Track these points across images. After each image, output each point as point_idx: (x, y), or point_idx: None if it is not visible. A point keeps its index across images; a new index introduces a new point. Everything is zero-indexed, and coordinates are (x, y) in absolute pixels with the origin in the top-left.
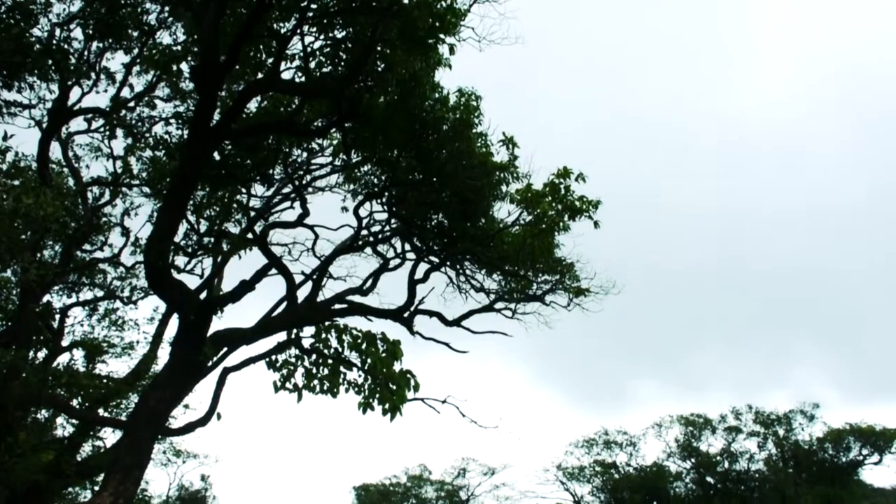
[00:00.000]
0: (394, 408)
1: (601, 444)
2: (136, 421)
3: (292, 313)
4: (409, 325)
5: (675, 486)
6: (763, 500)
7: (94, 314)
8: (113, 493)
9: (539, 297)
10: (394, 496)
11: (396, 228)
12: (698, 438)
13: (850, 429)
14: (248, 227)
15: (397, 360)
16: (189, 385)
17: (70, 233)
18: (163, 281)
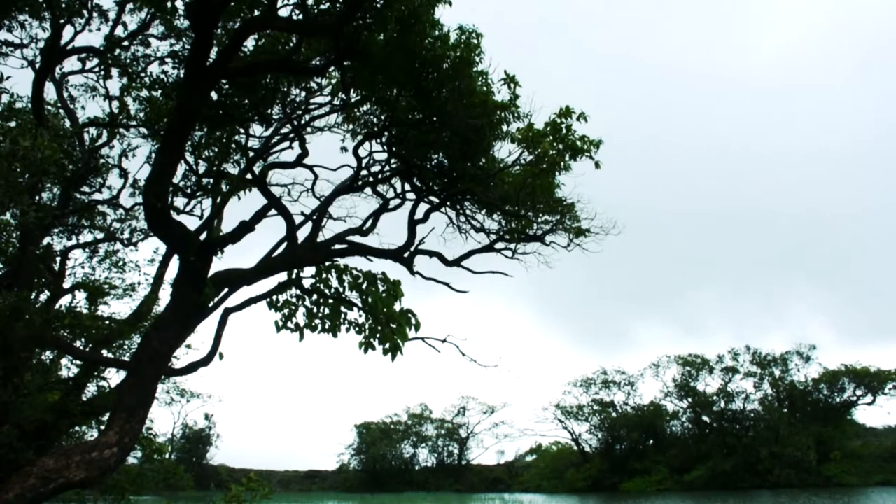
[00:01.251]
0: (394, 347)
1: (599, 384)
2: (139, 361)
3: (292, 254)
4: (410, 265)
5: (672, 424)
6: (757, 438)
7: (94, 256)
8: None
9: (539, 237)
10: (395, 434)
11: (396, 168)
12: (695, 378)
13: (845, 370)
14: (246, 168)
15: (398, 300)
16: (191, 326)
17: (68, 175)
18: (162, 222)
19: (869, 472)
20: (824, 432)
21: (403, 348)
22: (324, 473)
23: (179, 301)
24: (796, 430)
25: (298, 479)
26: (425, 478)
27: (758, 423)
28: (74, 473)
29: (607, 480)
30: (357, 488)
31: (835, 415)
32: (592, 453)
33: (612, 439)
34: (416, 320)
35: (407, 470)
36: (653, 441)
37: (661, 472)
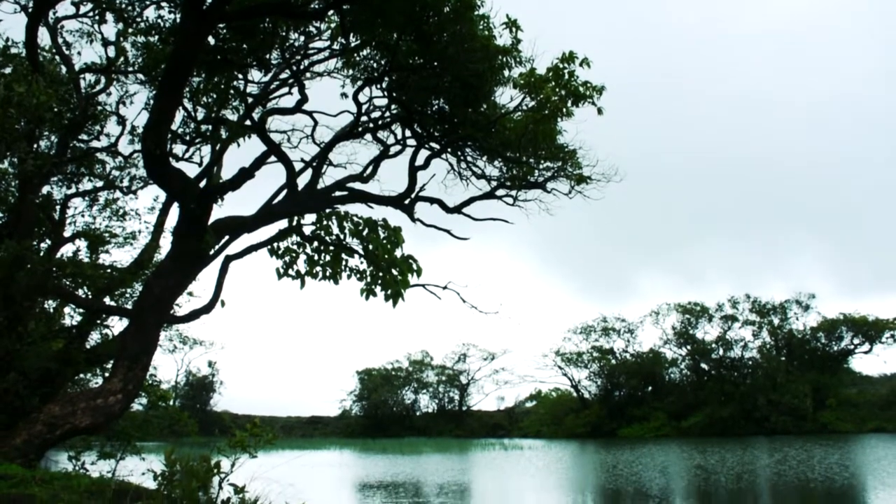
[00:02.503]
0: (396, 293)
1: (599, 331)
2: (141, 309)
3: (293, 201)
4: (410, 212)
5: (671, 372)
6: (755, 386)
7: (94, 204)
8: (122, 380)
9: (540, 184)
10: (396, 380)
11: (396, 114)
12: (695, 326)
13: (843, 319)
14: (245, 114)
15: (398, 247)
16: (192, 273)
17: (65, 122)
18: (161, 169)
19: (864, 420)
20: (821, 380)
21: (405, 294)
22: (326, 419)
23: (180, 249)
24: (793, 378)
25: (301, 424)
26: (426, 423)
27: (755, 371)
28: (80, 420)
29: (606, 426)
30: (359, 434)
31: (832, 363)
32: (591, 400)
33: (611, 386)
34: (417, 266)
35: (408, 416)
36: (651, 388)
37: (659, 418)
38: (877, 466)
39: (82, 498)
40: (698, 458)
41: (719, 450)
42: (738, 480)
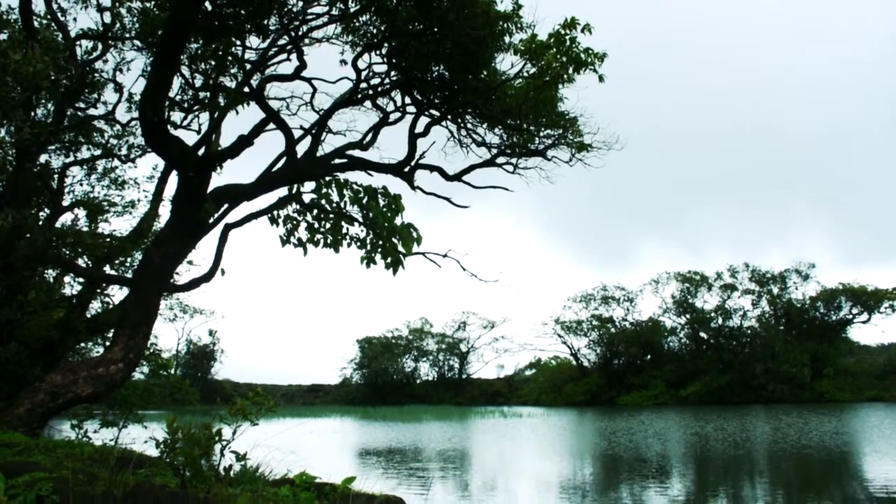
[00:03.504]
0: (396, 261)
1: (599, 300)
2: (141, 278)
3: (292, 168)
4: (410, 179)
5: (669, 340)
6: (753, 355)
7: (92, 173)
8: (123, 348)
9: (541, 151)
10: (396, 348)
11: (396, 81)
12: (694, 295)
13: (842, 288)
14: (244, 81)
15: (399, 214)
16: (191, 242)
17: (62, 90)
18: (160, 137)
19: (860, 389)
20: (819, 349)
21: (405, 262)
22: (327, 387)
23: (179, 217)
24: (792, 347)
25: (302, 393)
26: (426, 391)
27: (754, 340)
28: (82, 388)
29: (605, 394)
30: (359, 401)
31: (830, 332)
32: (591, 368)
33: (610, 354)
34: (417, 234)
35: (408, 383)
36: (650, 356)
37: (657, 386)
38: (872, 435)
39: (85, 465)
40: (696, 426)
41: (717, 418)
42: (736, 447)
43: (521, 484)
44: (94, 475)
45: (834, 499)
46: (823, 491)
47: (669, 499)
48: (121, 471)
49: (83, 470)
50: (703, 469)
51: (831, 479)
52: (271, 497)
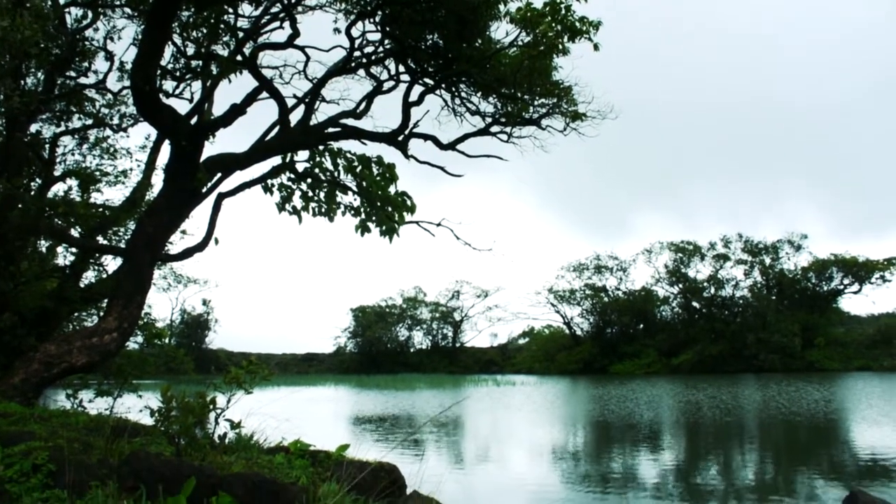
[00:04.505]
0: (391, 229)
1: (592, 269)
2: (134, 248)
3: (285, 137)
4: (404, 148)
5: (662, 310)
6: (744, 324)
7: (84, 143)
8: (117, 318)
9: (535, 120)
10: (390, 317)
11: (390, 49)
12: (687, 265)
13: (834, 259)
14: (236, 49)
15: (393, 183)
16: (185, 211)
17: (52, 59)
18: (152, 106)
19: (850, 358)
20: (810, 319)
21: (399, 230)
22: (321, 356)
23: (172, 186)
24: (783, 317)
25: (296, 361)
26: (420, 360)
27: (746, 310)
28: (76, 358)
29: (597, 363)
30: (353, 370)
31: (821, 303)
32: (584, 337)
33: (603, 323)
34: (411, 203)
35: (402, 352)
36: (643, 325)
37: (649, 355)
38: (860, 403)
39: (81, 434)
40: (687, 395)
41: (708, 386)
42: (726, 415)
43: (513, 451)
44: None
45: (821, 465)
46: (811, 457)
47: (660, 465)
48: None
49: (79, 439)
50: (694, 436)
51: (819, 446)
52: (266, 464)
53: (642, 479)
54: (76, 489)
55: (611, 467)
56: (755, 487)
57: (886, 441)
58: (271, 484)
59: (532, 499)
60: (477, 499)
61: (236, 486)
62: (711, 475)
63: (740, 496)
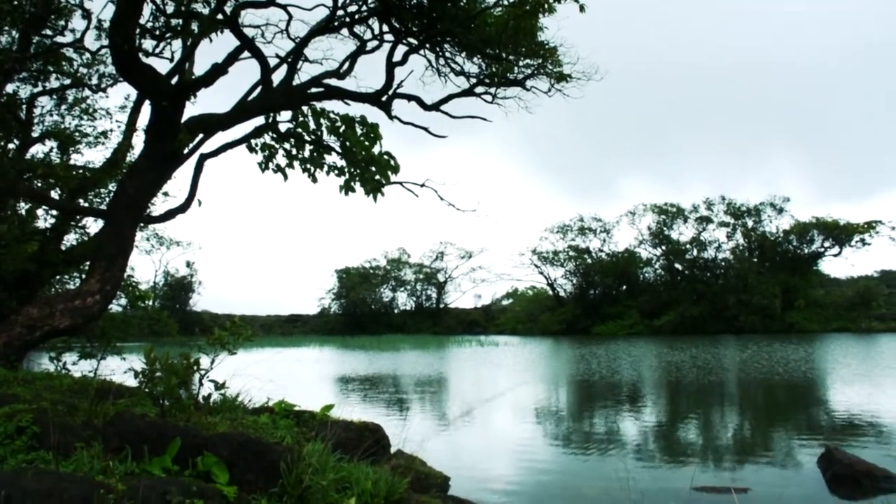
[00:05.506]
0: (375, 188)
1: (576, 231)
2: (116, 209)
3: (268, 97)
4: (388, 108)
5: (645, 271)
6: (726, 286)
7: (62, 103)
8: (100, 280)
9: (520, 81)
10: (374, 278)
11: (373, 8)
12: (670, 227)
13: (815, 222)
14: (217, 7)
15: (377, 143)
16: (166, 172)
17: (26, 17)
18: (131, 65)
19: (828, 320)
20: (790, 281)
21: (384, 190)
22: (305, 317)
23: (153, 148)
24: (764, 279)
25: (280, 323)
26: (404, 320)
27: (727, 272)
28: (59, 321)
29: (580, 324)
30: (337, 331)
31: (802, 265)
32: (567, 298)
33: (586, 284)
34: (395, 163)
35: (386, 313)
36: (625, 287)
37: (632, 316)
38: (836, 363)
39: (65, 396)
40: (669, 355)
41: (690, 347)
42: (707, 374)
43: (497, 410)
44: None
45: (798, 423)
46: (789, 416)
47: (642, 423)
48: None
49: (63, 401)
50: (674, 395)
51: (797, 405)
52: (251, 424)
53: (624, 438)
54: (61, 451)
55: (593, 426)
56: (733, 445)
57: (861, 400)
58: (256, 444)
59: (515, 457)
60: (460, 457)
61: (221, 446)
62: (691, 433)
63: (719, 454)
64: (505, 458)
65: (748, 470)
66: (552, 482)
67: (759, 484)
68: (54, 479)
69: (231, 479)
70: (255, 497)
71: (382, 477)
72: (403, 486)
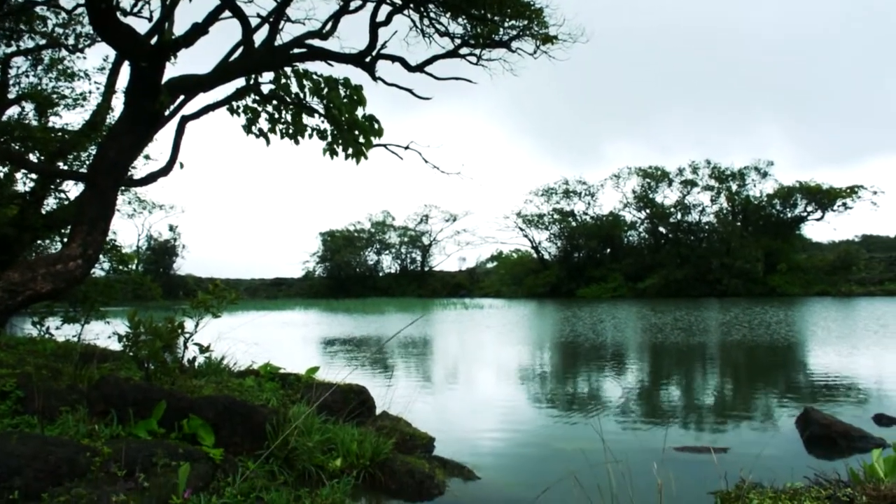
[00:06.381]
0: (358, 151)
1: (561, 194)
2: (96, 173)
3: (249, 58)
4: (371, 70)
5: (629, 234)
6: (710, 250)
7: (38, 64)
8: (82, 244)
9: (505, 42)
10: (358, 241)
11: None
12: (654, 190)
13: (799, 186)
14: None
15: (360, 106)
16: (147, 135)
17: None
18: (108, 25)
19: (810, 283)
20: (773, 245)
21: (367, 153)
22: (290, 281)
23: (133, 110)
24: (747, 243)
25: (265, 286)
26: (389, 284)
27: (711, 235)
28: (41, 285)
29: (564, 287)
30: (322, 294)
31: (785, 229)
32: (551, 261)
33: (570, 247)
34: (378, 126)
35: (371, 276)
36: (610, 250)
37: (616, 279)
38: (816, 327)
39: (49, 361)
40: (652, 318)
41: (673, 310)
42: (689, 337)
43: (482, 372)
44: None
45: (778, 385)
46: (769, 378)
47: (623, 384)
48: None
49: (47, 365)
50: (656, 357)
51: (777, 368)
52: (236, 387)
53: (606, 399)
54: (46, 415)
55: (576, 387)
56: (714, 406)
57: (840, 363)
58: (242, 406)
59: (499, 419)
60: (445, 419)
61: (207, 408)
62: (672, 395)
63: (700, 415)
64: (488, 420)
65: (728, 430)
66: (534, 443)
67: (738, 444)
68: (39, 442)
69: (217, 441)
70: (241, 459)
71: (368, 438)
72: (388, 446)
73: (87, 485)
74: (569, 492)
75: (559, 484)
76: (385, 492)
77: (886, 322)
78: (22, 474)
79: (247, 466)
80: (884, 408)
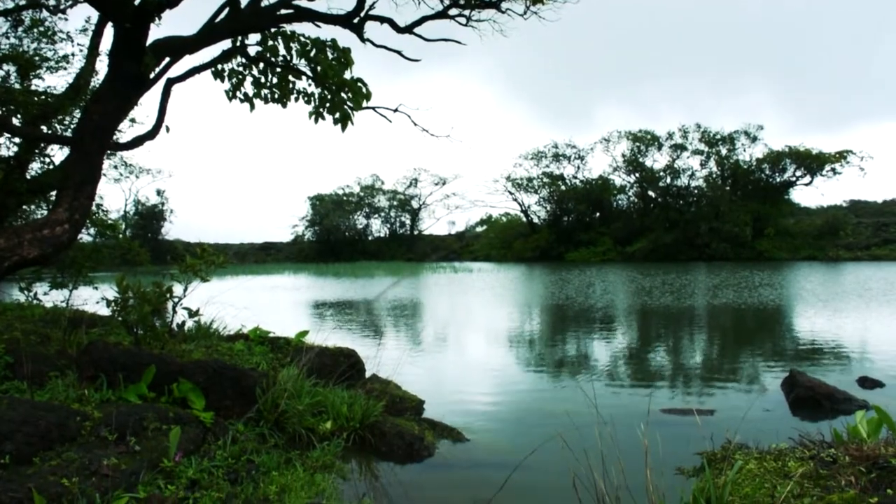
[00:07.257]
0: (345, 116)
1: (550, 157)
2: (81, 136)
3: (236, 19)
4: (360, 31)
5: (618, 198)
6: (698, 214)
7: (19, 26)
8: (68, 209)
9: (494, 3)
10: (347, 205)
11: None
12: (644, 154)
13: (788, 151)
14: None
15: (348, 68)
16: (132, 98)
17: None
18: None
19: (797, 248)
20: (762, 210)
21: (354, 118)
22: (279, 245)
23: (118, 72)
24: (736, 208)
25: (254, 251)
26: (378, 247)
27: (700, 200)
28: (28, 251)
29: (554, 250)
30: (312, 258)
31: (773, 194)
32: (540, 224)
33: (559, 211)
34: (366, 89)
35: (360, 240)
36: (599, 214)
37: (605, 243)
38: (802, 290)
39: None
40: (640, 281)
41: (661, 273)
42: (677, 300)
43: (471, 335)
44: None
45: (764, 348)
46: (755, 341)
47: (612, 347)
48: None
49: (35, 331)
50: (644, 320)
51: (763, 331)
52: (226, 351)
53: (594, 362)
54: (35, 380)
55: (564, 350)
56: (701, 369)
57: (825, 326)
58: (231, 370)
59: (488, 381)
60: (434, 382)
61: (197, 372)
62: (660, 358)
63: (687, 378)
64: (478, 382)
65: (714, 393)
66: (523, 405)
67: (724, 406)
68: (29, 407)
69: (207, 404)
70: (231, 422)
71: (357, 401)
72: (378, 409)
73: (78, 449)
74: (556, 453)
75: (546, 445)
76: (375, 453)
77: (871, 286)
78: (12, 439)
79: (237, 429)
80: (867, 371)
